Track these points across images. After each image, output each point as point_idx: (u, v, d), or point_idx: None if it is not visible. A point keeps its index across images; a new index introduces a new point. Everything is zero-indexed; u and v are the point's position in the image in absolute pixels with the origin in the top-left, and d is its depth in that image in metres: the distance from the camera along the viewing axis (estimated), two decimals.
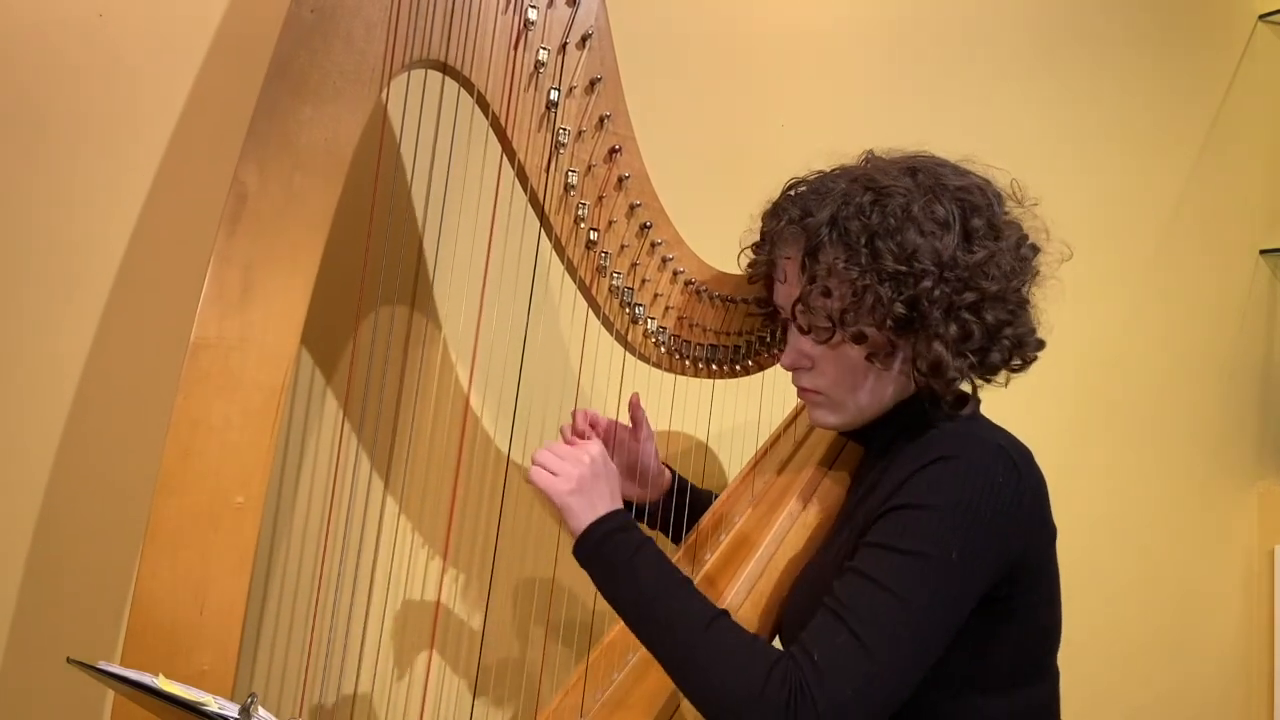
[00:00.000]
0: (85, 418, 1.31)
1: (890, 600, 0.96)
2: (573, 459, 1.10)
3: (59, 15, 1.29)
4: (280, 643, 1.40)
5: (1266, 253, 2.36)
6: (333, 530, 1.39)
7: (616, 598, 1.05)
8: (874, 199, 1.05)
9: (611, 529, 1.06)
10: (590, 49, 1.21)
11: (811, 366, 1.13)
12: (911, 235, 1.03)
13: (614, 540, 1.05)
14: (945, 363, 1.04)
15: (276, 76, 1.07)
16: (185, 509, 1.02)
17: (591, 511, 1.07)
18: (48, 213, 1.29)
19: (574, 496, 1.07)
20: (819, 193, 1.09)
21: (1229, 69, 2.33)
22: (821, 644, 0.96)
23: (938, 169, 1.09)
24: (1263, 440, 2.37)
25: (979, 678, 1.05)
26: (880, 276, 1.03)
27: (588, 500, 1.08)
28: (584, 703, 1.17)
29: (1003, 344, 1.07)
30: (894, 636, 0.95)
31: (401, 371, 1.45)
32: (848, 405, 1.13)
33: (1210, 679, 2.30)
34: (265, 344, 1.06)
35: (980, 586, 1.00)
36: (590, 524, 1.06)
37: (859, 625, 0.96)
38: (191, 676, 0.99)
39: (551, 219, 1.21)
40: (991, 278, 1.04)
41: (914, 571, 0.97)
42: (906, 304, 1.03)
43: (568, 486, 1.08)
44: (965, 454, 1.01)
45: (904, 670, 0.96)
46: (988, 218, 1.07)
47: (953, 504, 0.98)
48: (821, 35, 1.83)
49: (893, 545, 0.99)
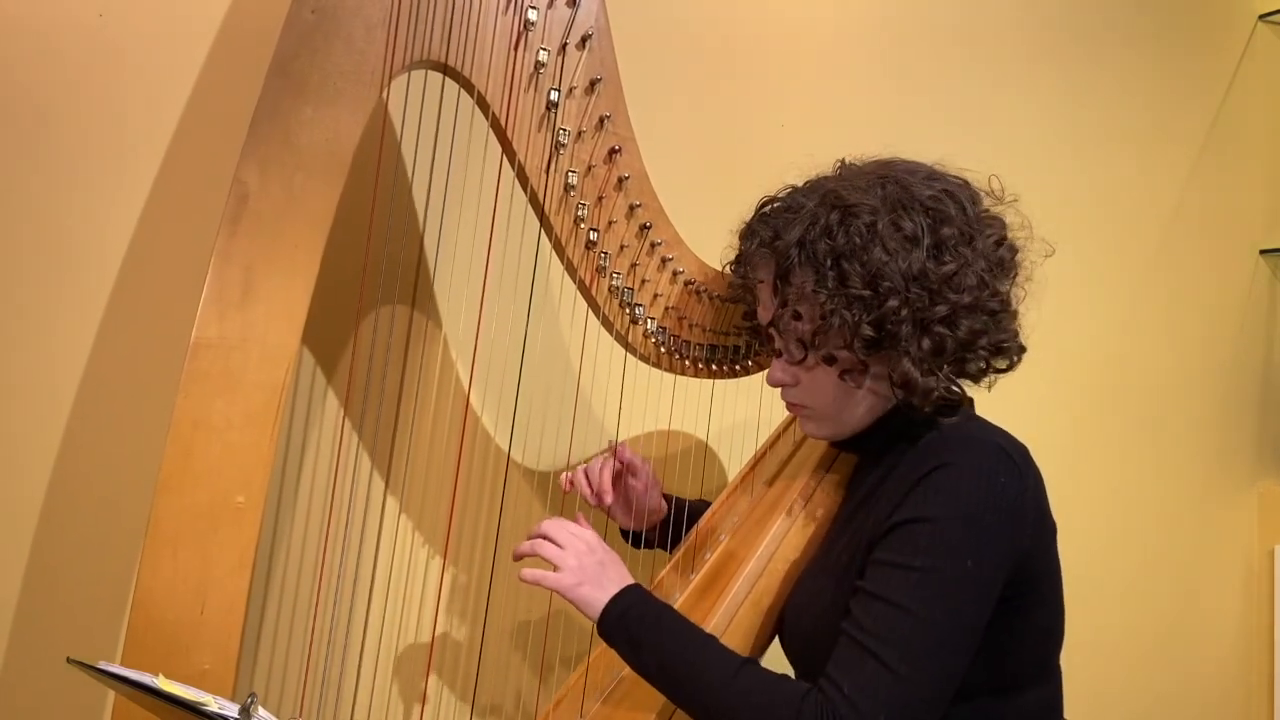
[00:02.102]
0: (86, 417, 1.31)
1: (912, 621, 0.96)
2: (571, 549, 1.11)
3: (59, 15, 1.29)
4: (281, 642, 1.40)
5: (1266, 253, 2.36)
6: (333, 530, 1.39)
7: (644, 668, 1.06)
8: (840, 218, 1.04)
9: (626, 606, 1.07)
10: (590, 49, 1.21)
11: (795, 384, 1.13)
12: (877, 254, 1.02)
13: (630, 616, 1.06)
14: (914, 380, 1.03)
15: (277, 77, 1.08)
16: (186, 509, 1.02)
17: (604, 594, 1.08)
18: (48, 212, 1.30)
19: (584, 588, 1.09)
20: (790, 211, 1.09)
21: (1229, 69, 2.33)
22: (850, 675, 0.96)
23: (908, 178, 1.07)
24: (1262, 440, 2.37)
25: (986, 679, 1.04)
26: (848, 300, 1.03)
27: (598, 585, 1.09)
28: (584, 702, 1.17)
29: (979, 352, 1.06)
30: (921, 657, 0.95)
31: (402, 371, 1.45)
32: (831, 420, 1.14)
33: (1210, 679, 2.30)
34: (266, 344, 1.07)
35: (996, 590, 0.99)
36: (605, 606, 1.08)
37: (884, 651, 0.95)
38: (192, 676, 0.99)
39: (551, 219, 1.21)
40: (963, 289, 1.03)
41: (930, 587, 0.96)
42: (873, 325, 1.03)
43: (573, 580, 1.09)
44: (965, 458, 1.01)
45: (936, 688, 0.96)
46: (960, 225, 1.05)
47: (959, 513, 0.98)
48: (821, 35, 1.83)
49: (905, 563, 0.98)
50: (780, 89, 1.78)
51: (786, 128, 1.77)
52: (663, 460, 1.62)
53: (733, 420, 1.53)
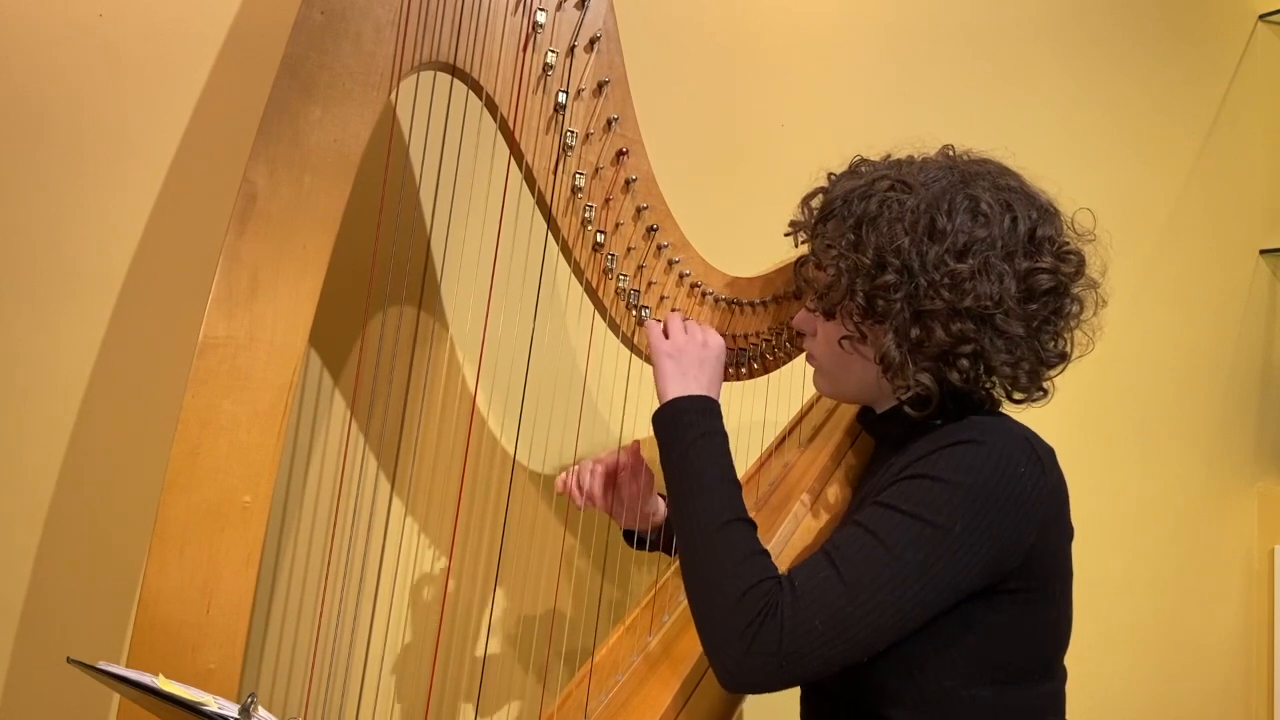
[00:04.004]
0: (93, 416, 1.31)
1: (883, 553, 0.97)
2: (692, 335, 1.15)
3: (59, 15, 1.29)
4: (287, 641, 1.40)
5: (1266, 253, 2.37)
6: (339, 529, 1.39)
7: (668, 470, 1.09)
8: (888, 188, 1.07)
9: (690, 408, 1.10)
10: (599, 52, 1.21)
11: (813, 334, 1.17)
12: (897, 231, 1.04)
13: (687, 419, 1.09)
14: (892, 358, 1.05)
15: (286, 77, 1.08)
16: (193, 508, 1.03)
17: (682, 386, 1.11)
18: (53, 213, 1.29)
19: (671, 360, 1.12)
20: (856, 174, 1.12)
21: (1229, 69, 2.33)
22: (806, 575, 0.99)
23: (976, 179, 1.08)
24: (1262, 440, 2.38)
25: (991, 670, 1.05)
26: (854, 265, 1.06)
27: (682, 372, 1.12)
28: (588, 702, 1.17)
29: (961, 361, 1.04)
30: (876, 585, 0.96)
31: (409, 371, 1.45)
32: (838, 379, 1.17)
33: (1210, 679, 2.30)
34: (274, 343, 1.07)
35: (978, 570, 0.99)
36: (676, 397, 1.11)
37: (845, 566, 0.97)
38: (198, 675, 1.00)
39: (559, 221, 1.22)
40: (968, 293, 1.03)
41: (913, 533, 0.98)
42: (865, 295, 1.06)
43: (669, 349, 1.13)
44: (991, 439, 1.02)
45: (876, 622, 0.96)
46: (1002, 238, 1.05)
47: (969, 483, 0.99)
48: (822, 35, 1.83)
49: (898, 506, 1.00)
50: (780, 89, 1.78)
51: (787, 128, 1.77)
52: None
53: (738, 422, 1.53)
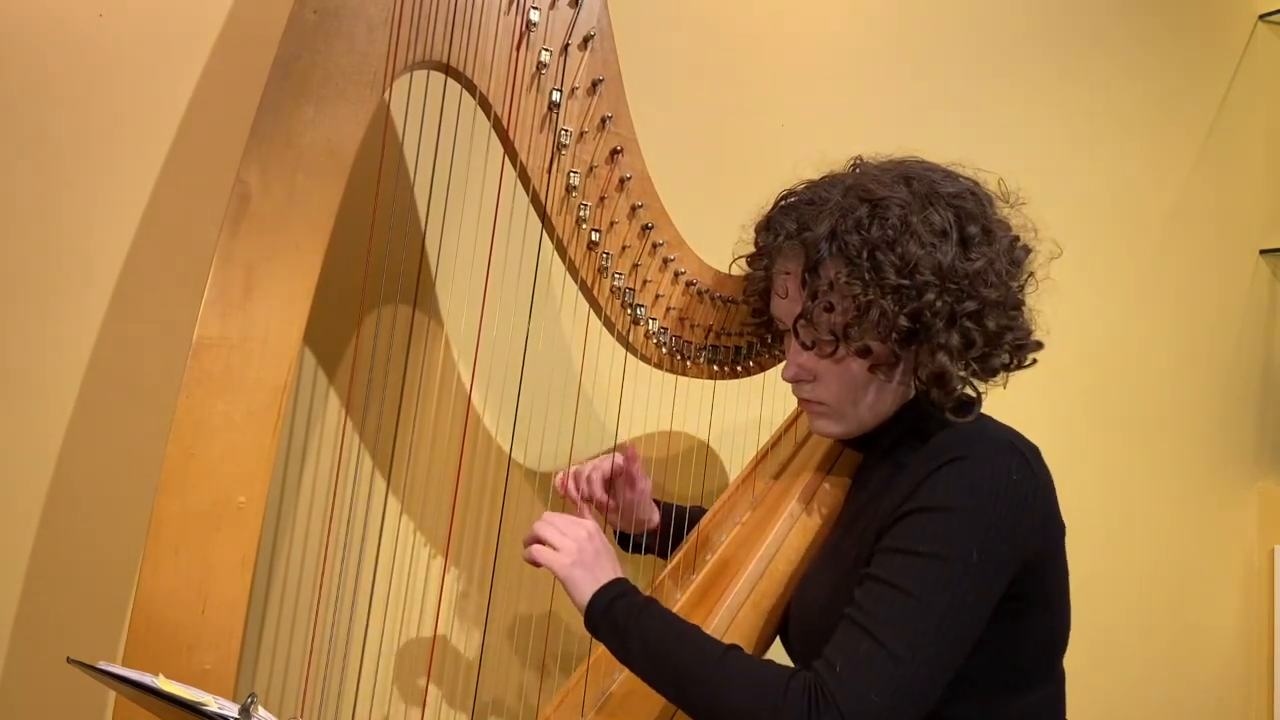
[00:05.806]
0: (87, 417, 1.31)
1: (911, 604, 0.96)
2: (571, 534, 1.12)
3: (59, 15, 1.29)
4: (282, 642, 1.40)
5: (1266, 253, 2.36)
6: (334, 530, 1.39)
7: (629, 656, 1.07)
8: (871, 211, 1.04)
9: (615, 595, 1.08)
10: (592, 50, 1.21)
11: (814, 379, 1.13)
12: (912, 247, 1.03)
13: (618, 605, 1.07)
14: (949, 373, 1.04)
15: (279, 77, 1.08)
16: (187, 509, 1.03)
17: (595, 582, 1.09)
18: (48, 213, 1.30)
19: (576, 569, 1.10)
20: (814, 204, 1.09)
21: (1229, 69, 2.33)
22: (844, 653, 0.96)
23: (929, 175, 1.08)
24: (1262, 440, 2.37)
25: (993, 678, 1.05)
26: (883, 290, 1.03)
27: (589, 572, 1.10)
28: (585, 702, 1.17)
29: (1003, 349, 1.07)
30: (918, 641, 0.95)
31: (403, 371, 1.45)
32: (849, 416, 1.13)
33: (1210, 678, 2.30)
34: (267, 344, 1.07)
35: (1001, 585, 1.00)
36: (595, 593, 1.09)
37: (881, 632, 0.95)
38: (193, 676, 0.99)
39: (553, 220, 1.21)
40: (991, 284, 1.05)
41: (933, 574, 0.97)
42: (910, 316, 1.03)
43: (569, 559, 1.10)
44: (978, 453, 1.02)
45: (930, 674, 0.96)
46: (982, 224, 1.06)
47: (969, 504, 0.99)
48: (822, 35, 1.83)
49: (911, 549, 0.99)
50: (780, 89, 1.78)
51: (786, 128, 1.77)
52: (664, 461, 1.62)
53: (734, 421, 1.53)
